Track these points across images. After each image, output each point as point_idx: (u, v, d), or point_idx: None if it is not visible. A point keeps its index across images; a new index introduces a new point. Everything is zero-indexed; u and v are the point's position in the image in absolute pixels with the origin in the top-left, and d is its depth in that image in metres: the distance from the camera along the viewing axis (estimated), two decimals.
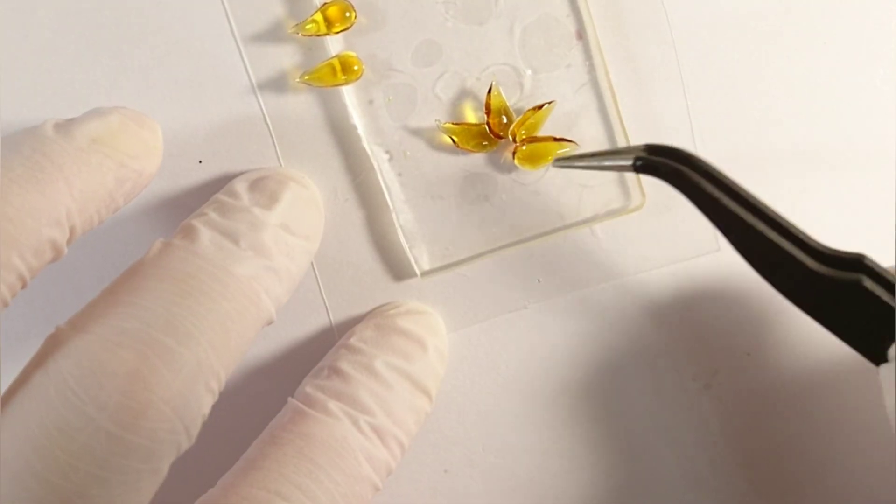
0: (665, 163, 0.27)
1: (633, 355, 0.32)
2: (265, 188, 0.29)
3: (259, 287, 0.26)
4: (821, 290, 0.26)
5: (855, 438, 0.33)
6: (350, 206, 0.32)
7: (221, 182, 0.31)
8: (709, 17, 0.31)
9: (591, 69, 0.31)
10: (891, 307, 0.25)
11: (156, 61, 0.31)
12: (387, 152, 0.31)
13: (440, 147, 0.31)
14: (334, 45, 0.31)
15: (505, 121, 0.31)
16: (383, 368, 0.29)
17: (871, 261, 0.26)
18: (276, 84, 0.31)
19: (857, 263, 0.26)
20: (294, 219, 0.28)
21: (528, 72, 0.31)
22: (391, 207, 0.31)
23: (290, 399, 0.29)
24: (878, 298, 0.25)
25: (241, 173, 0.31)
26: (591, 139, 0.31)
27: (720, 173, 0.27)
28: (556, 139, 0.31)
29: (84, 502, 0.22)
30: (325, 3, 0.30)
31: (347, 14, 0.30)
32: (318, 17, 0.30)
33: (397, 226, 0.31)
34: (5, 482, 0.22)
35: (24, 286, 0.25)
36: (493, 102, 0.31)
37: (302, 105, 0.31)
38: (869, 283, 0.25)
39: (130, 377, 0.23)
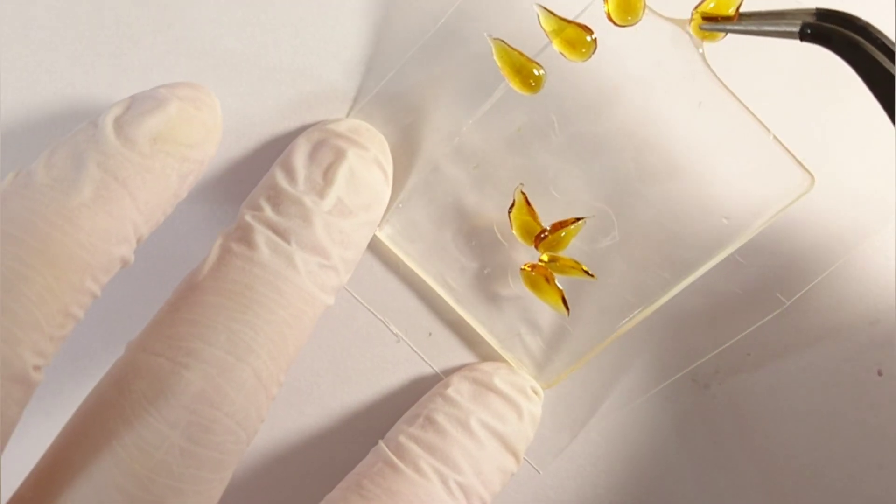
0: (839, 31, 0.23)
1: (632, 355, 0.32)
2: (322, 160, 0.28)
3: (314, 287, 0.27)
4: None
5: (855, 439, 0.32)
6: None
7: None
8: None
9: (650, 302, 0.31)
10: None
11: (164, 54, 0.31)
12: (476, 166, 0.31)
13: (495, 197, 0.31)
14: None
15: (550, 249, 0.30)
16: (478, 427, 0.30)
17: None
18: None
19: None
20: (352, 191, 0.28)
21: (618, 238, 0.30)
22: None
23: (380, 444, 0.30)
24: None
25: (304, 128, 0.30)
26: None
27: None
28: (563, 298, 0.30)
29: None
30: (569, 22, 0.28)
31: (589, 39, 0.28)
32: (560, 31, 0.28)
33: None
34: (90, 494, 0.24)
35: (97, 297, 0.26)
36: (566, 232, 0.30)
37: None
38: None
39: (197, 397, 0.25)
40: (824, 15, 0.24)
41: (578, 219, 0.30)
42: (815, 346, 0.32)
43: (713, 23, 0.26)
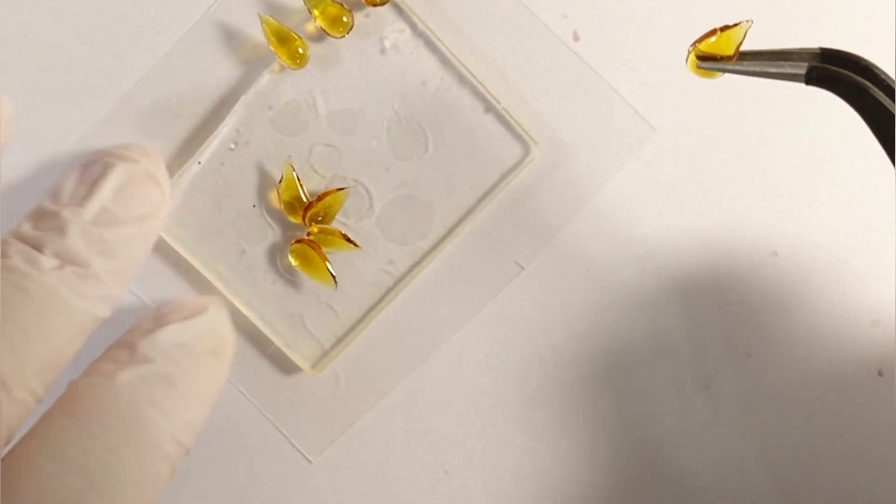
0: (846, 75, 0.23)
1: (633, 356, 0.32)
2: (88, 177, 0.28)
3: (70, 292, 0.26)
4: None
5: (855, 439, 0.33)
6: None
7: None
8: None
9: (409, 272, 0.32)
10: None
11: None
12: (234, 143, 0.32)
13: (265, 181, 0.32)
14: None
15: (318, 219, 0.31)
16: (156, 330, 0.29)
17: None
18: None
19: None
20: (120, 202, 0.28)
21: (377, 213, 0.32)
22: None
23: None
24: None
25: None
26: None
27: None
28: (329, 268, 0.31)
29: None
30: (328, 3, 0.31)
31: (345, 19, 0.31)
32: (317, 12, 0.31)
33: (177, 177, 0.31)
34: None
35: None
36: (331, 200, 0.31)
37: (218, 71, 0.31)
38: None
39: None
40: (829, 56, 0.24)
41: (341, 189, 0.31)
42: (815, 346, 0.32)
43: (713, 62, 0.25)
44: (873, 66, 0.23)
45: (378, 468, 0.33)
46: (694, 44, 0.26)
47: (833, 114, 0.31)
